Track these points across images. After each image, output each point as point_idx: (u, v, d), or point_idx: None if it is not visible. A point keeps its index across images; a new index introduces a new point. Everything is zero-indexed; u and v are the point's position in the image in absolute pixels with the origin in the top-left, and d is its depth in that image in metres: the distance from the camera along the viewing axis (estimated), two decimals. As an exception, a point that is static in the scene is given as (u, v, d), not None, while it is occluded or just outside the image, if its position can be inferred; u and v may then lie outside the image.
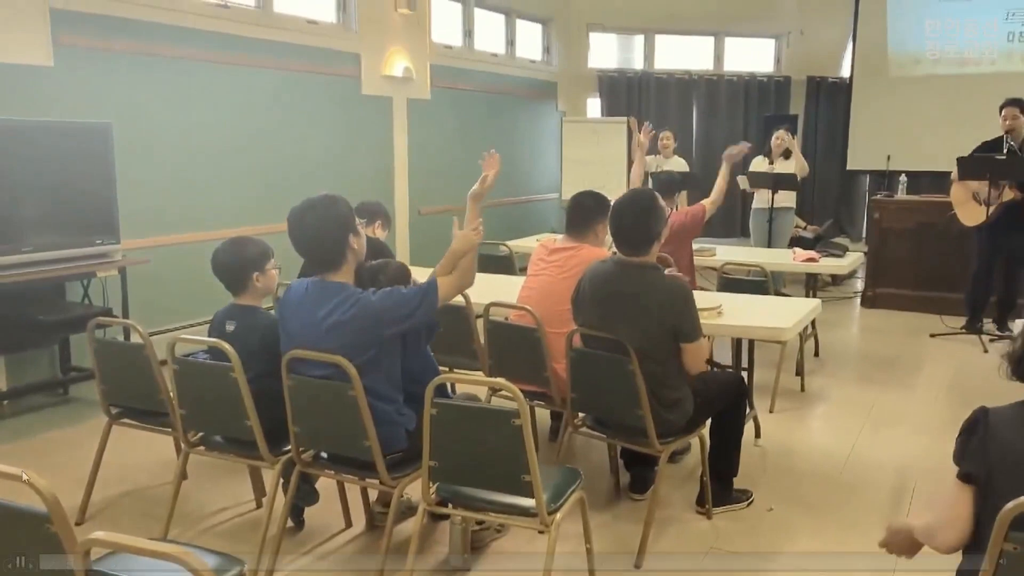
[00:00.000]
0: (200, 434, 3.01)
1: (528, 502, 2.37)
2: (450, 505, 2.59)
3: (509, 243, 5.92)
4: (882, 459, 3.82)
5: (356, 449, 2.61)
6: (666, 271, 3.08)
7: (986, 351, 5.68)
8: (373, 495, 3.21)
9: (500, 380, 2.41)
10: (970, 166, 5.85)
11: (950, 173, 6.10)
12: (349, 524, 3.19)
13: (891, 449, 3.95)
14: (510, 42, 8.92)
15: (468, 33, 8.26)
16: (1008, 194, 5.75)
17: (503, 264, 5.66)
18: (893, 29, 9.01)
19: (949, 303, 6.42)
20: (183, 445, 3.02)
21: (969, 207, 6.01)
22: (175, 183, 5.33)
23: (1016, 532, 1.56)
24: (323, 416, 2.67)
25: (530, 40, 9.35)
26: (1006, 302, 6.07)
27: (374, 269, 2.83)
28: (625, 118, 8.61)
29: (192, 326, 4.99)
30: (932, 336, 6.09)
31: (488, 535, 3.06)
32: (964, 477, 1.70)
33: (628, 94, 9.60)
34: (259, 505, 3.33)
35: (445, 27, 8.00)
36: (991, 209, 5.77)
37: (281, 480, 2.87)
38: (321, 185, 3.52)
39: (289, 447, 2.77)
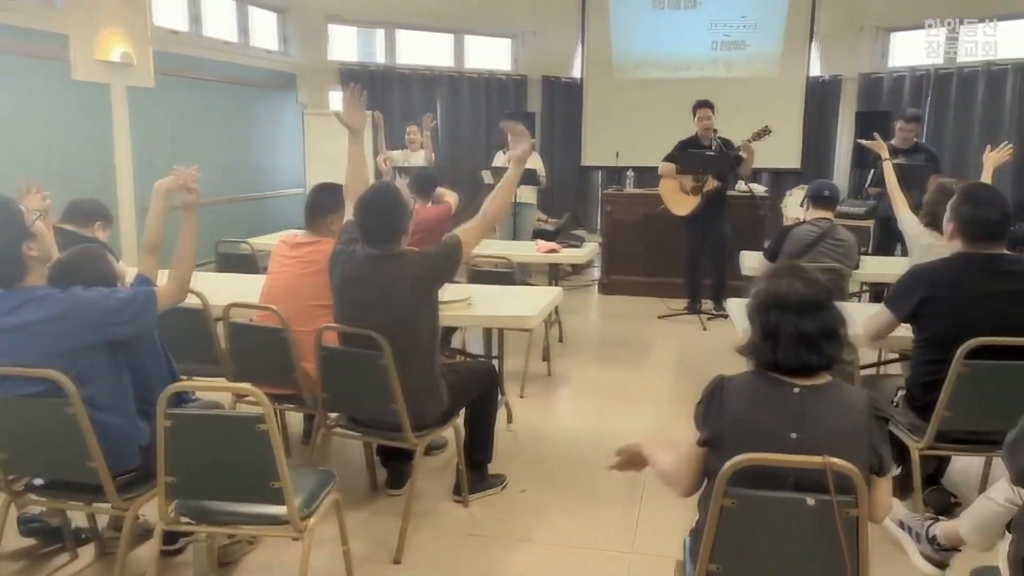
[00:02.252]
0: None
1: (279, 510, 2.26)
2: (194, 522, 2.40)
3: (251, 240, 5.63)
4: (622, 433, 4.06)
5: (80, 472, 2.34)
6: None
7: (705, 329, 6.29)
8: (103, 520, 2.90)
9: (242, 385, 2.26)
10: (687, 161, 6.45)
11: (657, 169, 6.70)
12: (75, 555, 2.86)
13: (629, 423, 4.23)
14: (243, 30, 8.48)
15: (195, 18, 7.74)
16: (710, 184, 6.41)
17: (244, 263, 5.37)
18: (616, 35, 9.72)
19: (673, 287, 7.03)
20: None
21: (678, 199, 6.62)
22: None
23: (734, 488, 1.71)
24: (36, 438, 2.36)
25: (266, 29, 8.96)
26: (718, 284, 6.74)
27: (69, 264, 2.48)
28: (369, 112, 8.53)
29: None
30: (660, 318, 6.63)
31: (239, 549, 2.88)
32: (701, 443, 1.84)
33: (371, 88, 9.50)
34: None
35: (169, 10, 7.43)
36: (699, 199, 6.40)
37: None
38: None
39: (-6, 477, 2.42)
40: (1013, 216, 2.89)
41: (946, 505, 3.12)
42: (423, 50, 10.05)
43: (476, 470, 3.36)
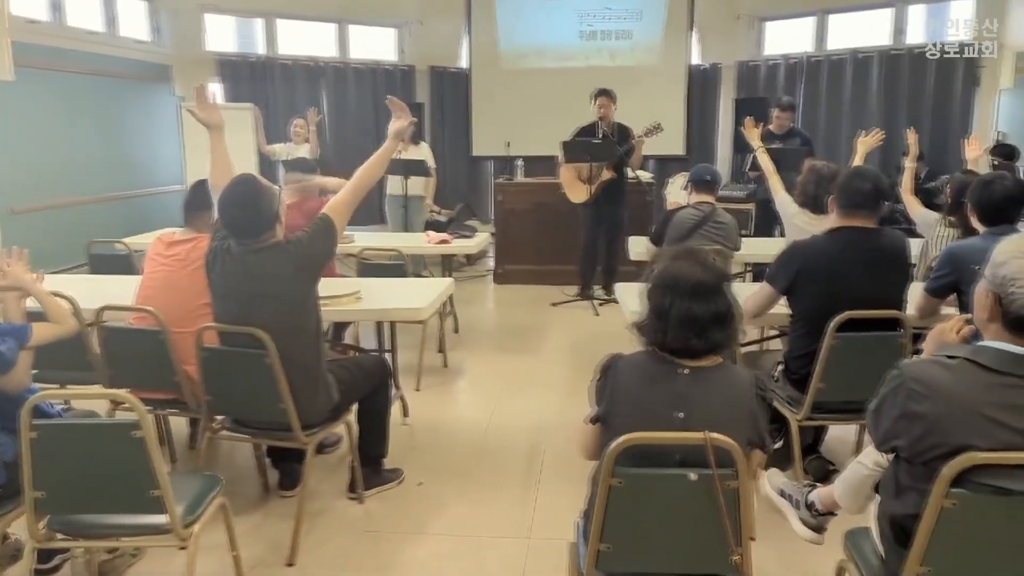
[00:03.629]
0: None
1: (161, 519, 2.16)
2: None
3: (127, 240, 5.37)
4: (518, 421, 4.12)
5: (-64, 495, 2.19)
6: None
7: (597, 314, 6.40)
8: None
9: (113, 390, 2.16)
10: (572, 149, 6.54)
11: (556, 156, 6.76)
12: (-62, 584, 2.67)
13: (525, 410, 4.27)
14: (111, 20, 8.05)
15: (57, 6, 7.30)
16: (605, 174, 6.52)
17: (120, 264, 5.13)
18: (502, 24, 9.72)
19: (565, 274, 7.12)
20: None
21: (575, 186, 6.71)
22: None
23: (620, 468, 1.74)
24: None
25: (135, 19, 8.53)
26: (610, 270, 6.87)
27: None
28: (251, 104, 8.27)
29: None
30: (553, 305, 6.71)
31: (123, 562, 2.76)
32: (592, 420, 1.87)
33: (252, 79, 9.21)
34: None
35: (28, -2, 6.98)
36: (593, 187, 6.51)
37: None
38: None
39: None
40: (886, 194, 3.05)
41: (825, 472, 3.28)
42: (305, 40, 9.79)
43: (371, 466, 3.31)
